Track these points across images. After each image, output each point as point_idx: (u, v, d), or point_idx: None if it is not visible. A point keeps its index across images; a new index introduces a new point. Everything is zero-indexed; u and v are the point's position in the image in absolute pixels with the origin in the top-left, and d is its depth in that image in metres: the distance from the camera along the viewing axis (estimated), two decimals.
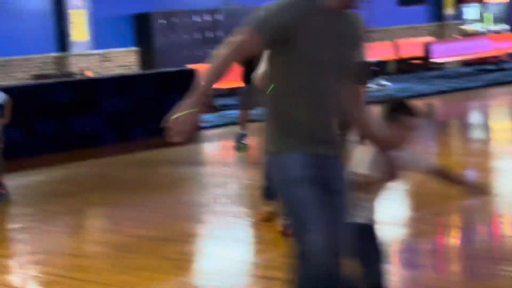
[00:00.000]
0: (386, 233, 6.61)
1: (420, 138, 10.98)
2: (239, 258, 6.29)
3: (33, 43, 16.77)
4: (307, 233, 3.60)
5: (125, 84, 13.34)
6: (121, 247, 6.73)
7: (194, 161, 11.32)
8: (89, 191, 9.37)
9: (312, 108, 3.66)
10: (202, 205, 8.32)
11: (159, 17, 18.09)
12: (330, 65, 3.66)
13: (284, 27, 3.59)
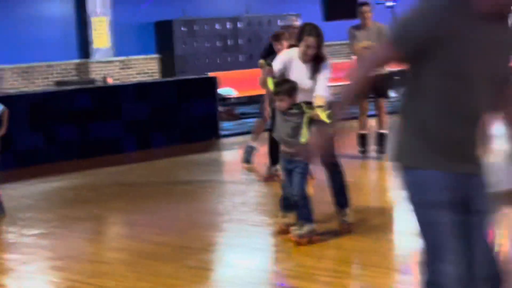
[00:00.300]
0: (408, 244, 6.63)
1: None
2: (258, 267, 6.31)
3: (55, 50, 16.89)
4: (441, 262, 3.39)
5: (146, 91, 13.40)
6: (140, 254, 6.77)
7: (213, 168, 11.35)
8: (109, 197, 9.42)
9: (461, 121, 3.38)
10: (221, 213, 8.35)
11: (181, 25, 18.17)
12: (481, 75, 3.35)
13: (427, 37, 3.28)
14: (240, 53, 19.13)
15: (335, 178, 7.02)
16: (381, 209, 8.13)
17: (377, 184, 9.62)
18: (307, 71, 6.93)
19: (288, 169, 6.67)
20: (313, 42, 6.86)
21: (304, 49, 6.87)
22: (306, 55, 6.90)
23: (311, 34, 6.86)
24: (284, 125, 6.56)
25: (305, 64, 6.95)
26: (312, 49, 6.87)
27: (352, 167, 10.43)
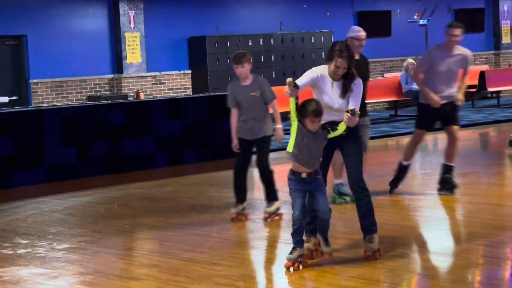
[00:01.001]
0: (436, 264, 6.55)
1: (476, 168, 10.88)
2: (291, 285, 6.26)
3: (88, 65, 17.01)
4: None
5: (178, 107, 13.43)
6: (171, 270, 6.73)
7: None
8: (140, 213, 9.42)
9: None
10: (253, 230, 8.31)
11: (214, 41, 18.21)
12: None
13: None
14: (273, 69, 19.13)
15: (362, 203, 6.83)
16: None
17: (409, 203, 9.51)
18: (337, 89, 6.74)
19: (306, 191, 6.53)
20: (344, 63, 6.64)
21: (334, 69, 6.67)
22: (336, 75, 6.72)
23: (342, 56, 6.61)
24: (312, 147, 6.42)
25: (336, 82, 6.75)
26: (343, 70, 6.68)
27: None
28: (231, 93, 8.61)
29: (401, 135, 16.00)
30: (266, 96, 8.51)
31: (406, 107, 20.03)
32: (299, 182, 6.51)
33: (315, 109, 6.35)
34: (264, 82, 8.62)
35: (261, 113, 8.49)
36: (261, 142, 8.54)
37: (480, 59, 23.50)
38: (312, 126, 6.38)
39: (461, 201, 9.40)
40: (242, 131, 8.52)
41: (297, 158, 6.48)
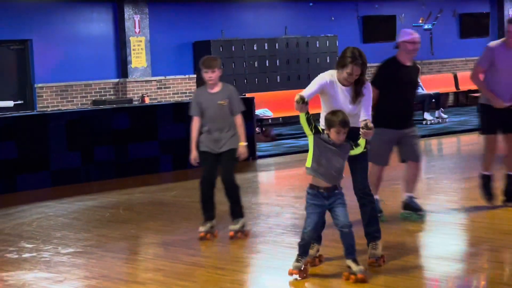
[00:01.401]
0: (441, 268, 6.54)
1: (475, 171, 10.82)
2: None
3: (93, 69, 17.04)
4: None
5: (183, 111, 13.41)
6: (175, 274, 6.74)
7: (249, 190, 11.30)
8: (145, 217, 9.43)
9: None
10: (256, 234, 8.30)
11: (219, 45, 18.23)
12: None
13: None
14: (278, 74, 19.14)
15: (366, 209, 6.75)
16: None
17: None
18: (347, 94, 6.54)
19: (324, 207, 6.25)
20: (358, 71, 6.44)
21: (346, 76, 6.46)
22: (347, 81, 6.52)
23: (356, 63, 6.41)
24: (334, 160, 6.18)
25: (346, 88, 6.55)
26: (355, 77, 6.48)
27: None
28: (196, 100, 8.00)
29: None
30: (234, 107, 7.94)
31: None
32: (316, 197, 6.25)
33: (342, 119, 6.13)
34: (233, 91, 8.04)
35: (227, 123, 7.92)
36: (227, 155, 7.92)
37: None
38: (337, 137, 6.15)
39: (466, 205, 9.38)
40: (206, 143, 7.95)
41: (317, 172, 6.22)
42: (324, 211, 6.29)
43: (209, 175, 8.00)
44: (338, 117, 6.14)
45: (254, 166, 13.44)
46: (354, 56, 6.43)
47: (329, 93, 6.52)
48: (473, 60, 23.19)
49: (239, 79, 18.45)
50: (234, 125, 7.95)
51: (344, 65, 6.44)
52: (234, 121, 7.95)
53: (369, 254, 6.71)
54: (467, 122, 18.21)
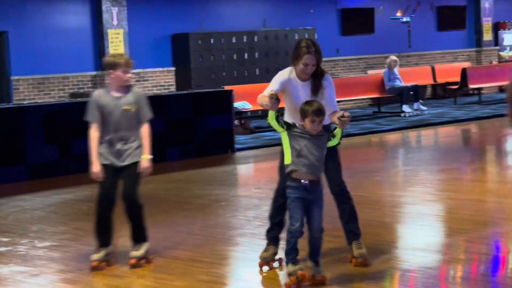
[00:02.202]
0: (418, 259, 6.57)
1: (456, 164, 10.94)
2: (271, 281, 6.27)
3: (71, 62, 16.94)
4: None
5: (161, 104, 13.40)
6: (154, 267, 6.73)
7: (227, 182, 11.32)
8: (122, 210, 9.38)
9: None
10: (235, 227, 8.31)
11: (197, 38, 18.19)
12: None
13: None
14: (257, 66, 19.13)
15: (344, 207, 6.55)
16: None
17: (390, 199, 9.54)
18: (307, 90, 6.29)
19: (307, 201, 5.98)
20: (313, 60, 6.21)
21: (303, 68, 6.22)
22: (304, 74, 6.27)
23: (310, 52, 6.19)
24: (314, 149, 5.94)
25: (304, 83, 6.30)
26: (311, 68, 6.24)
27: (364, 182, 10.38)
28: (96, 104, 6.82)
29: (384, 132, 16.05)
30: (142, 113, 6.81)
31: (389, 104, 20.09)
32: (299, 190, 5.96)
33: (316, 108, 5.90)
34: (143, 95, 6.92)
35: (132, 133, 6.78)
36: (130, 170, 6.81)
37: (461, 56, 23.59)
38: (312, 127, 5.91)
39: (443, 197, 9.44)
40: (106, 156, 6.84)
41: (298, 165, 5.95)
42: (307, 205, 5.99)
43: (108, 192, 6.87)
44: (312, 106, 5.94)
45: (233, 159, 13.45)
46: (307, 46, 6.22)
47: (289, 90, 6.30)
48: (450, 52, 23.30)
49: (218, 72, 18.43)
50: (140, 134, 6.81)
51: (298, 56, 6.22)
52: (141, 131, 6.80)
53: (355, 253, 6.46)
54: (445, 114, 18.30)
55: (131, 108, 6.75)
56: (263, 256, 6.55)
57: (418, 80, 20.44)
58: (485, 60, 23.85)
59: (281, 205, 6.53)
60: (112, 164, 6.81)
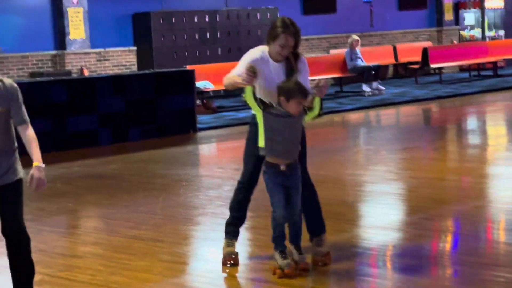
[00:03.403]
0: (379, 237, 6.63)
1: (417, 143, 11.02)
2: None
3: (30, 41, 16.74)
4: None
5: (122, 84, 13.32)
6: (114, 248, 6.71)
7: (189, 162, 11.30)
8: (83, 191, 9.35)
9: None
10: (196, 207, 8.31)
11: (159, 17, 18.07)
12: None
13: None
14: (219, 46, 19.07)
15: (308, 200, 6.00)
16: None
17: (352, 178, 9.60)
18: (280, 71, 5.88)
19: (285, 186, 5.68)
20: (291, 41, 5.80)
21: (279, 49, 5.81)
22: (280, 55, 5.85)
23: (289, 32, 5.77)
24: (290, 131, 5.60)
25: (278, 64, 5.89)
26: (289, 49, 5.83)
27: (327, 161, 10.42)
28: None
29: (346, 111, 16.12)
30: (15, 116, 5.00)
31: (351, 83, 20.16)
32: (277, 175, 5.64)
33: (303, 89, 5.55)
34: (16, 90, 5.03)
35: (6, 142, 5.00)
36: (10, 193, 4.94)
37: (423, 35, 23.73)
38: (297, 110, 5.54)
39: (403, 175, 9.52)
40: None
41: (271, 150, 5.63)
42: (286, 190, 5.69)
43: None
44: (297, 85, 5.57)
45: (195, 139, 13.42)
46: (286, 25, 5.80)
47: (261, 71, 5.78)
48: (411, 32, 23.41)
49: (180, 52, 18.34)
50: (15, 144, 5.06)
51: (276, 36, 5.79)
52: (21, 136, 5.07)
53: (313, 251, 6.02)
54: (406, 93, 18.41)
55: (1, 110, 4.90)
56: (228, 251, 6.07)
57: (380, 60, 20.53)
58: (446, 39, 24.01)
59: (244, 199, 6.11)
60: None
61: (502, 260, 5.90)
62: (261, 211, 7.36)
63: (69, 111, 12.55)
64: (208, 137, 13.55)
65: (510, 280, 5.41)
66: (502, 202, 7.76)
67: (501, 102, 16.86)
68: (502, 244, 6.38)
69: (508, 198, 7.90)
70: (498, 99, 17.23)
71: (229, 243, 6.11)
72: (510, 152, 10.84)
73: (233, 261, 6.01)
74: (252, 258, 6.29)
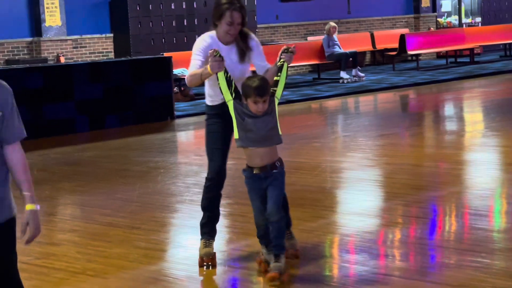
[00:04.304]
0: (356, 224, 6.65)
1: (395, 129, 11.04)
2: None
3: (5, 27, 16.59)
4: None
5: (99, 71, 13.25)
6: (91, 235, 6.68)
7: (167, 149, 11.27)
8: (60, 178, 9.31)
9: None
10: (174, 194, 8.29)
11: (136, 4, 17.97)
12: None
13: None
14: (196, 33, 18.98)
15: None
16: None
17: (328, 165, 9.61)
18: (233, 54, 5.57)
19: (262, 189, 5.33)
20: (238, 17, 5.48)
21: (227, 28, 5.48)
22: (228, 36, 5.53)
23: (234, 8, 5.47)
24: (259, 123, 5.23)
25: (228, 47, 5.57)
26: (237, 27, 5.49)
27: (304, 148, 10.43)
28: None
29: (324, 98, 16.13)
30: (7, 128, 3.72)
31: (329, 70, 20.18)
32: (252, 179, 5.34)
33: (258, 85, 5.16)
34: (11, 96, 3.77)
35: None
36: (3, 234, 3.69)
37: (400, 22, 23.77)
38: (255, 108, 5.18)
39: (380, 162, 9.54)
40: None
41: (247, 141, 5.27)
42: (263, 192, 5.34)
43: None
44: (254, 82, 5.19)
45: (173, 126, 13.39)
46: (230, 1, 5.49)
47: None
48: (389, 19, 23.45)
49: (157, 38, 18.26)
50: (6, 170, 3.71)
51: (221, 14, 5.48)
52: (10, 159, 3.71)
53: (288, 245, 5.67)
54: (384, 80, 18.45)
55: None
56: (206, 252, 5.73)
57: (357, 47, 20.55)
58: (423, 26, 24.07)
59: (215, 196, 5.79)
60: None
61: (478, 245, 5.93)
62: (238, 198, 7.37)
63: (46, 99, 12.47)
64: (186, 124, 13.51)
65: (487, 265, 5.45)
66: (479, 188, 7.81)
67: (478, 88, 16.94)
68: (479, 230, 6.42)
69: (484, 184, 7.95)
70: (474, 86, 17.31)
71: (206, 243, 5.77)
72: (486, 139, 10.90)
73: (210, 263, 5.69)
74: (229, 245, 6.29)
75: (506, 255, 5.68)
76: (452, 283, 5.13)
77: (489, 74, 19.14)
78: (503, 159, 9.53)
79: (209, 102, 5.71)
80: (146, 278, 5.56)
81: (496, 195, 7.67)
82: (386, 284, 5.23)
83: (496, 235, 6.29)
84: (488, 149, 10.08)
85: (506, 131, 11.12)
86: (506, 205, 7.28)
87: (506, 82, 17.76)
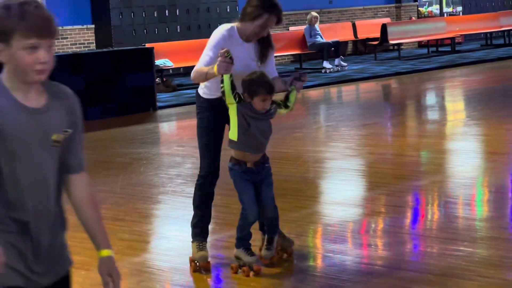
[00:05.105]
0: (339, 213, 6.67)
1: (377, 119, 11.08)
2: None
3: None
4: None
5: (81, 63, 13.20)
6: (73, 227, 6.61)
7: (149, 141, 11.25)
8: None
9: None
10: (157, 185, 8.29)
11: None
12: None
13: None
14: (178, 24, 18.95)
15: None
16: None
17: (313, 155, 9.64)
18: (252, 52, 5.31)
19: (254, 182, 5.29)
20: (274, 23, 5.22)
21: (258, 30, 5.19)
22: (257, 36, 5.25)
23: (274, 12, 5.15)
24: (263, 127, 5.18)
25: (248, 44, 5.29)
26: (267, 30, 5.24)
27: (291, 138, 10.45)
28: None
29: (306, 88, 16.13)
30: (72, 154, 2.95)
31: (311, 60, 20.18)
32: (245, 172, 5.25)
33: (267, 82, 5.08)
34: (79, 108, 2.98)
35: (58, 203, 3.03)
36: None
37: (382, 12, 23.81)
38: (262, 106, 5.08)
39: (363, 151, 9.57)
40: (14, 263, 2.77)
41: (245, 145, 5.18)
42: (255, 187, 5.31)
43: None
44: (262, 79, 5.08)
45: (155, 117, 13.37)
46: (271, 4, 5.14)
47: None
48: (370, 8, 23.48)
49: (139, 29, 18.20)
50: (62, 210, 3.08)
51: (258, 16, 5.13)
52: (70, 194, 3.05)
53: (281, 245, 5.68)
54: (366, 70, 18.48)
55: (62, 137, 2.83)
56: (201, 256, 5.49)
57: (339, 36, 20.57)
58: (405, 15, 24.12)
59: (208, 194, 5.62)
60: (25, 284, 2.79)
61: (461, 234, 5.97)
62: (222, 189, 7.34)
63: None
64: (168, 115, 13.49)
65: (469, 253, 5.48)
66: (461, 177, 7.85)
67: (459, 77, 17.01)
68: (461, 219, 6.46)
69: (466, 172, 8.00)
70: (456, 75, 17.37)
71: (200, 246, 5.52)
72: (468, 128, 10.95)
73: (207, 267, 5.46)
74: (212, 235, 6.30)
75: (488, 243, 5.72)
76: (434, 272, 5.16)
77: (470, 63, 19.23)
78: (485, 148, 9.59)
79: (204, 95, 5.41)
80: (130, 269, 5.56)
81: (478, 184, 7.72)
82: (369, 273, 5.26)
83: (478, 224, 6.33)
84: (470, 138, 10.13)
85: (488, 120, 11.18)
86: (488, 193, 7.33)
87: (487, 71, 17.84)
